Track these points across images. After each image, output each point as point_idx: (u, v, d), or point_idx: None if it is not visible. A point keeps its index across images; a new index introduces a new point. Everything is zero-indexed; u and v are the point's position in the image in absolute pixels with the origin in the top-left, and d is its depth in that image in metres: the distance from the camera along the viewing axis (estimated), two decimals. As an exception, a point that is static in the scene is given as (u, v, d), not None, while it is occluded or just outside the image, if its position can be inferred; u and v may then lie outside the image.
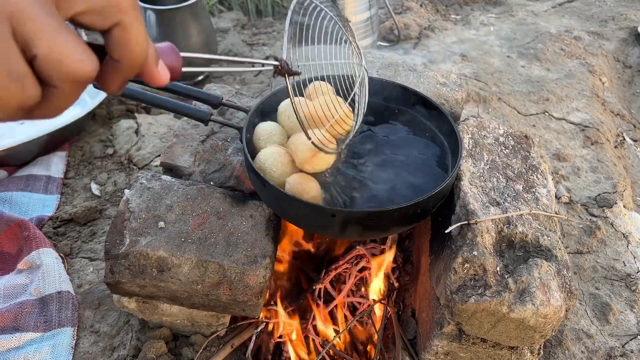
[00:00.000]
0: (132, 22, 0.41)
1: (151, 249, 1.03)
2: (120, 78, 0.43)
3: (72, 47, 0.37)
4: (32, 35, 0.35)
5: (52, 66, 0.37)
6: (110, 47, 0.41)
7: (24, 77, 0.36)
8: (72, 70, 0.37)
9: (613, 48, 2.45)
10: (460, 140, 1.09)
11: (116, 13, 0.40)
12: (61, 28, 0.37)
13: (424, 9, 2.73)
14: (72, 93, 0.39)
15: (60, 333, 1.18)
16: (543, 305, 0.96)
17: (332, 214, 0.95)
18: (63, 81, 0.37)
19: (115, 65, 0.42)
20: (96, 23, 0.40)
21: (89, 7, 0.39)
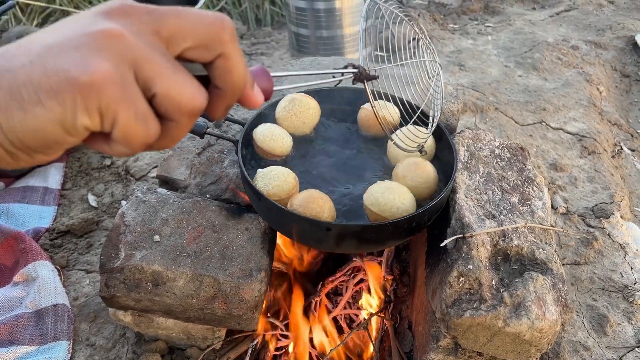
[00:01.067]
0: (232, 53, 0.44)
1: (146, 263, 1.03)
2: (224, 104, 0.46)
3: (186, 84, 0.41)
4: (151, 76, 0.39)
5: (170, 103, 0.40)
6: (215, 76, 0.44)
7: (148, 117, 0.39)
8: (187, 104, 0.41)
9: (610, 57, 2.45)
10: (456, 153, 1.09)
11: (219, 45, 0.43)
12: (175, 67, 0.40)
13: (421, 19, 2.74)
14: (187, 124, 0.42)
15: (55, 346, 1.18)
16: (538, 320, 0.95)
17: (328, 227, 0.95)
18: (180, 115, 0.41)
19: (219, 93, 0.45)
20: (202, 56, 0.43)
21: (195, 43, 0.42)
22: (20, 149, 0.38)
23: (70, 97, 0.36)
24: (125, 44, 0.37)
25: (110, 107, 0.37)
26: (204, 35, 0.42)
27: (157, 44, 0.40)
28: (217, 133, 1.16)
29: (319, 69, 1.51)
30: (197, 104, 0.41)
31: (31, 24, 3.26)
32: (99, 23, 0.38)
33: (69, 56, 0.36)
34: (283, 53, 2.58)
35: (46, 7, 3.38)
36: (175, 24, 0.41)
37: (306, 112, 1.18)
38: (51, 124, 0.36)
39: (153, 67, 0.39)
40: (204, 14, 0.42)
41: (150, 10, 0.40)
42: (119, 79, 0.37)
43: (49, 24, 3.37)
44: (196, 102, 0.41)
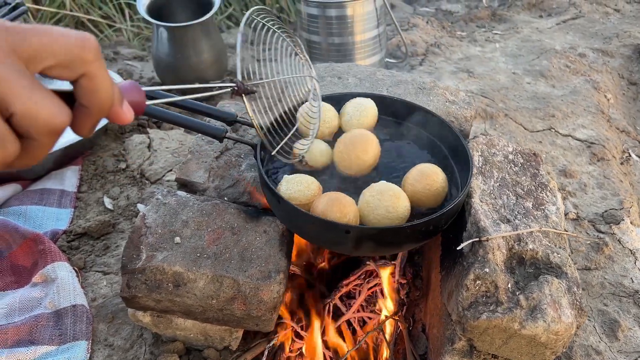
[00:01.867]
0: (96, 72, 0.44)
1: (167, 264, 1.04)
2: (90, 122, 0.46)
3: (46, 102, 0.40)
4: (7, 96, 0.38)
5: (29, 122, 0.40)
6: (79, 95, 0.44)
7: (4, 137, 0.39)
8: (48, 123, 0.41)
9: (618, 65, 2.47)
10: (471, 158, 1.11)
11: (82, 65, 0.43)
12: (33, 86, 0.40)
13: (430, 26, 2.76)
14: (48, 143, 0.42)
15: (74, 346, 1.19)
16: (554, 322, 0.97)
17: (347, 230, 0.97)
18: (40, 134, 0.41)
19: (84, 112, 0.45)
20: (64, 75, 0.43)
21: (57, 62, 0.42)
22: None
23: None
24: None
25: None
26: (64, 55, 0.42)
27: (14, 62, 0.39)
28: (235, 137, 1.18)
29: (333, 75, 1.54)
30: (57, 123, 0.41)
31: (42, 29, 3.30)
32: None
33: None
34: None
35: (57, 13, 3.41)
36: (34, 42, 0.40)
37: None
38: None
39: (8, 87, 0.38)
40: (67, 33, 0.42)
41: (8, 29, 0.40)
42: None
43: (59, 29, 3.40)
44: (56, 120, 0.41)
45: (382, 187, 1.02)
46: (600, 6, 3.02)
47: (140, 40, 3.19)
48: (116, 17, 3.40)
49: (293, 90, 1.17)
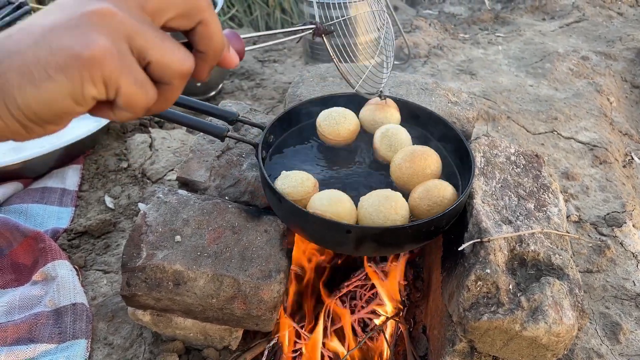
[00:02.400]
0: (210, 19, 0.48)
1: (168, 263, 1.04)
2: (207, 66, 0.51)
3: (174, 50, 0.45)
4: (144, 47, 0.43)
5: (164, 68, 0.45)
6: (197, 42, 0.49)
7: (145, 83, 0.44)
8: (179, 68, 0.46)
9: (621, 68, 2.47)
10: (473, 159, 1.11)
11: (198, 13, 0.47)
12: (163, 36, 0.45)
13: (432, 28, 2.76)
14: (179, 86, 0.47)
15: (74, 345, 1.19)
16: (556, 324, 0.96)
17: (348, 230, 0.96)
18: (173, 78, 0.46)
19: (202, 57, 0.50)
20: (184, 25, 0.48)
21: (177, 13, 0.46)
22: (34, 122, 0.42)
23: (77, 71, 0.40)
24: (117, 20, 0.42)
25: (112, 77, 0.41)
26: (183, 5, 0.46)
27: (144, 17, 0.44)
28: (237, 136, 1.18)
29: (335, 76, 1.54)
30: (186, 67, 0.46)
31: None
32: (91, 3, 0.42)
33: (71, 35, 0.40)
34: (295, 60, 2.61)
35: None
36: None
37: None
38: (62, 96, 0.41)
39: (144, 38, 0.43)
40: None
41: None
42: (116, 52, 0.41)
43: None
44: (185, 65, 0.46)
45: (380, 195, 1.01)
46: (604, 9, 3.02)
47: (143, 40, 3.20)
48: (119, 17, 3.40)
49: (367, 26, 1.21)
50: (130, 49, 0.43)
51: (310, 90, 1.44)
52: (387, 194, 1.01)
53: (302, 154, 1.20)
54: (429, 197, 1.02)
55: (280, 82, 2.36)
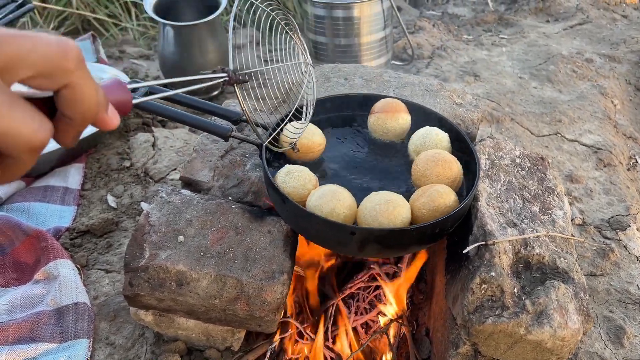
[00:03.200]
0: (79, 81, 0.41)
1: (171, 263, 1.04)
2: (73, 132, 0.43)
3: (26, 119, 0.38)
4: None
5: (9, 140, 0.37)
6: (61, 105, 0.42)
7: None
8: (29, 141, 0.38)
9: (625, 71, 2.46)
10: (478, 161, 1.10)
11: (63, 75, 0.40)
12: (12, 101, 0.37)
13: (436, 29, 2.76)
14: (29, 160, 0.40)
15: (76, 344, 1.18)
16: (561, 328, 0.96)
17: (352, 231, 0.96)
18: (20, 152, 0.38)
19: (67, 122, 0.42)
20: (44, 86, 0.40)
21: (36, 73, 0.39)
22: None
23: None
24: None
25: None
26: (44, 65, 0.38)
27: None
28: (241, 136, 1.17)
29: (339, 76, 1.53)
30: (37, 141, 0.39)
31: (48, 27, 3.30)
32: None
33: None
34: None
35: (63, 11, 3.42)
36: (9, 51, 0.37)
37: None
38: None
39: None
40: (45, 40, 0.39)
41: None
42: None
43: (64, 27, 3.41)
44: (37, 138, 0.38)
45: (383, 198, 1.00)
46: (608, 12, 3.01)
47: (146, 39, 3.19)
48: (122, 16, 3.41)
49: (288, 77, 1.16)
50: None
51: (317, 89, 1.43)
52: (390, 198, 1.00)
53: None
54: (431, 204, 0.99)
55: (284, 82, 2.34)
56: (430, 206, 0.99)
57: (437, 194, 1.00)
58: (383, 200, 0.99)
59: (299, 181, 1.04)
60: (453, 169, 1.07)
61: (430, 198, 1.00)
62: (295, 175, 1.05)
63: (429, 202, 1.00)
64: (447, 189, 1.02)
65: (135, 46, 2.91)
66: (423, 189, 1.03)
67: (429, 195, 1.00)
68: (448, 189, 1.02)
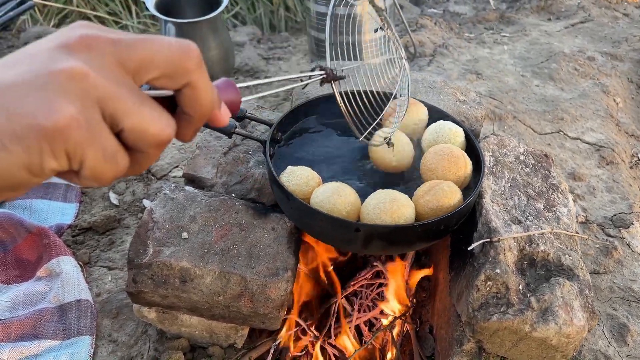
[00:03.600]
0: (198, 81, 0.44)
1: (174, 259, 1.03)
2: (192, 129, 0.46)
3: (153, 116, 0.41)
4: (118, 113, 0.39)
5: (138, 137, 0.40)
6: (182, 103, 0.45)
7: (116, 154, 0.39)
8: (156, 137, 0.41)
9: (626, 69, 2.46)
10: (483, 158, 1.10)
11: (185, 75, 0.43)
12: (142, 101, 0.40)
13: (438, 27, 2.75)
14: (155, 154, 0.43)
15: (78, 341, 1.18)
16: (566, 325, 0.96)
17: (356, 228, 0.96)
18: (149, 147, 0.41)
19: (187, 119, 0.45)
20: (168, 85, 0.43)
21: (161, 73, 0.42)
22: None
23: (36, 143, 0.35)
24: (90, 83, 0.37)
25: (77, 149, 0.37)
26: (169, 65, 0.42)
27: (123, 77, 0.39)
28: (244, 133, 1.17)
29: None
30: (164, 136, 0.42)
31: (48, 25, 3.30)
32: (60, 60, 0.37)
33: (32, 99, 0.35)
34: (300, 58, 2.59)
35: (63, 9, 3.41)
36: (140, 55, 0.40)
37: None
38: (17, 168, 0.36)
39: (119, 103, 0.38)
40: (170, 43, 0.42)
41: (115, 42, 0.39)
42: (84, 121, 0.37)
43: (65, 25, 3.40)
44: (164, 134, 0.42)
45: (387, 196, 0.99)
46: (609, 10, 3.01)
47: (146, 37, 3.18)
48: (122, 13, 3.40)
49: (382, 73, 1.14)
50: (102, 114, 0.38)
51: (317, 87, 1.43)
52: (395, 196, 0.99)
53: (309, 152, 1.19)
54: (436, 203, 0.98)
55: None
56: (434, 205, 0.98)
57: (442, 192, 0.99)
58: (388, 199, 0.98)
59: (302, 179, 1.03)
60: (460, 164, 1.05)
61: (434, 196, 0.99)
62: (298, 174, 1.04)
63: (433, 200, 0.99)
64: (453, 187, 1.01)
65: (136, 44, 2.91)
66: (429, 184, 1.02)
67: (434, 194, 0.99)
68: (454, 188, 1.01)
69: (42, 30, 2.78)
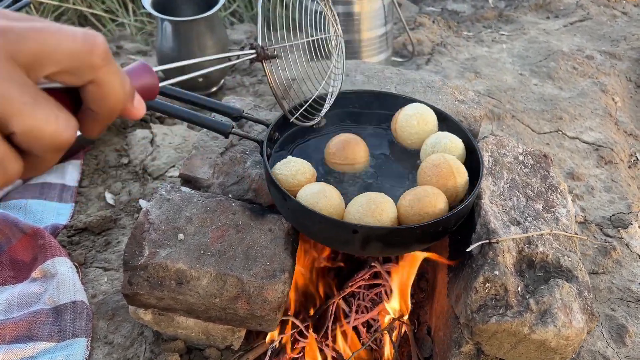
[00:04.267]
0: (106, 77, 0.39)
1: (170, 261, 1.02)
2: (99, 126, 0.42)
3: (49, 117, 0.36)
4: (7, 115, 0.34)
5: (32, 140, 0.36)
6: (87, 100, 0.40)
7: (4, 158, 0.35)
8: (53, 141, 0.37)
9: (625, 68, 2.45)
10: (481, 158, 1.09)
11: (89, 71, 0.38)
12: (36, 99, 0.35)
13: (436, 25, 2.74)
14: (53, 158, 0.39)
15: (74, 343, 1.17)
16: (565, 327, 0.95)
17: (354, 230, 0.95)
18: (45, 151, 0.37)
19: (93, 115, 0.41)
20: (69, 81, 0.39)
21: (61, 69, 0.37)
22: None
23: None
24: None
25: None
26: (70, 61, 0.37)
27: (13, 73, 0.35)
28: (241, 133, 1.16)
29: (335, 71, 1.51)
30: (62, 140, 0.37)
31: (45, 22, 3.27)
32: None
33: None
34: (298, 57, 2.58)
35: (59, 6, 3.39)
36: (35, 47, 0.35)
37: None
38: None
39: (8, 104, 0.34)
40: (71, 33, 0.37)
41: (4, 31, 0.35)
42: None
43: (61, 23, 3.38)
44: (62, 138, 0.37)
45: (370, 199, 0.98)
46: (608, 9, 3.00)
47: (143, 35, 3.17)
48: (119, 11, 3.38)
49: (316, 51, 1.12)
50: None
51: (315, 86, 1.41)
52: (372, 197, 0.98)
53: (306, 152, 1.18)
54: (420, 207, 0.97)
55: (283, 78, 2.33)
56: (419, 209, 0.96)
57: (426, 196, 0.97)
58: (365, 201, 0.97)
59: (290, 170, 1.03)
60: (450, 181, 1.02)
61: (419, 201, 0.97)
62: (290, 165, 1.04)
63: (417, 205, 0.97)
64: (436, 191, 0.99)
65: (133, 42, 2.89)
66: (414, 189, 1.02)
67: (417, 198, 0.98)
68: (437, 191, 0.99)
69: (38, 28, 2.76)
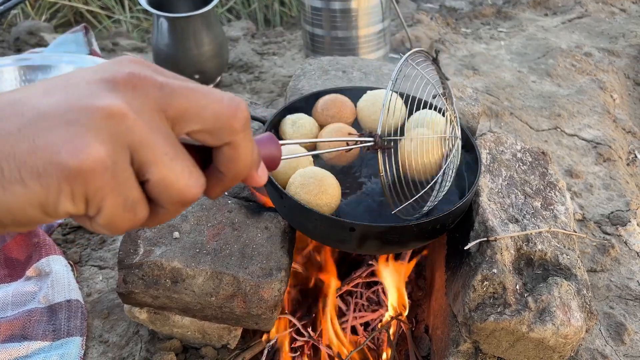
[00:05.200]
0: (241, 143, 0.41)
1: (166, 260, 1.01)
2: (222, 188, 0.43)
3: (184, 173, 0.38)
4: (147, 162, 0.36)
5: (164, 191, 0.37)
6: (218, 162, 0.42)
7: (137, 205, 0.37)
8: (181, 195, 0.38)
9: (623, 65, 2.44)
10: (479, 156, 1.08)
11: (229, 134, 0.40)
12: (175, 153, 0.37)
13: (434, 22, 2.73)
14: (176, 211, 0.40)
15: (68, 342, 1.16)
16: (563, 326, 0.94)
17: (351, 227, 0.94)
18: (171, 204, 0.38)
19: (219, 177, 0.42)
20: (207, 141, 0.40)
21: (203, 128, 0.39)
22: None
23: (55, 182, 0.33)
24: (126, 125, 0.34)
25: (97, 195, 0.34)
26: (213, 122, 0.39)
27: (161, 124, 0.37)
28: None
29: (337, 69, 1.50)
30: (190, 196, 0.38)
31: (40, 19, 3.26)
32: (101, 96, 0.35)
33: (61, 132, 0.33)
34: (295, 53, 2.57)
35: (55, 3, 3.37)
36: (184, 104, 0.38)
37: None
38: (30, 205, 0.33)
39: (151, 152, 0.36)
40: (219, 96, 0.39)
41: (161, 85, 0.37)
42: (111, 166, 0.34)
43: (56, 20, 3.37)
44: (190, 194, 0.38)
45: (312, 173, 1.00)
46: (606, 5, 2.99)
47: (139, 31, 3.15)
48: (115, 8, 3.36)
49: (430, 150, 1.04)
50: (131, 159, 0.35)
51: (312, 83, 1.41)
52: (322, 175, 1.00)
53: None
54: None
55: (280, 75, 2.32)
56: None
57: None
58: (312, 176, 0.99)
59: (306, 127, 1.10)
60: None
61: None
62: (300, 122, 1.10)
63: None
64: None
65: (129, 38, 2.87)
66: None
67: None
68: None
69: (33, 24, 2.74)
